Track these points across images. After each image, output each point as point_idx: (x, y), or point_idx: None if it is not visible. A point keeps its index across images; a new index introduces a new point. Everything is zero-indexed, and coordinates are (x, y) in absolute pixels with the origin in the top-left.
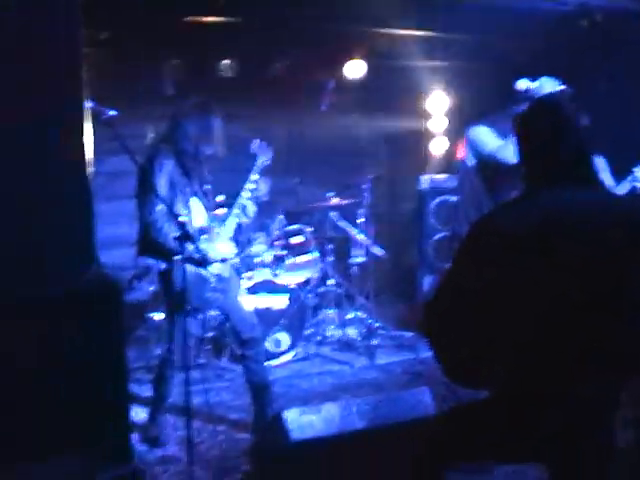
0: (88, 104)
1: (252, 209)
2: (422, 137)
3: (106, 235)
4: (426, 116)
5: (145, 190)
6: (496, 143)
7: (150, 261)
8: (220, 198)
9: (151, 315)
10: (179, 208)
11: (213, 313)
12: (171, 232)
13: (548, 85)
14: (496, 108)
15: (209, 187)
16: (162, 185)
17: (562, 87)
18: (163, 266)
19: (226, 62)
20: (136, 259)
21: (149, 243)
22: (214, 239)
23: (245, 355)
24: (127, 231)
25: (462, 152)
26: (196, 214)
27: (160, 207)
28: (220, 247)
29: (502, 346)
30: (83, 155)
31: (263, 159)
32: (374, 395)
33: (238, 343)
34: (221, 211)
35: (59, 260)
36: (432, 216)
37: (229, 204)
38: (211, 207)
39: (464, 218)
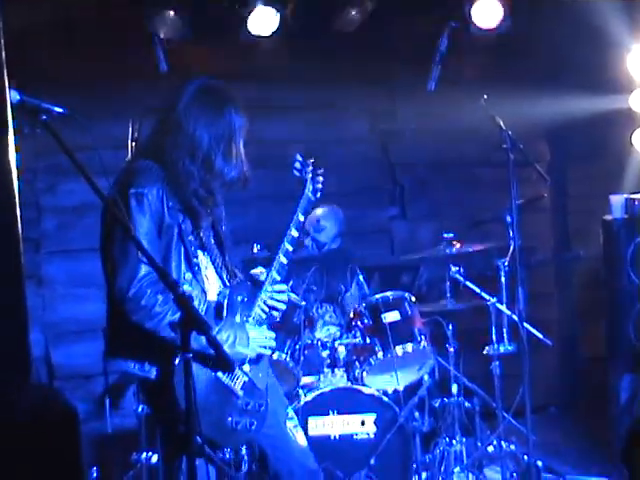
0: (14, 96)
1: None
2: (614, 127)
3: (69, 315)
4: (622, 91)
5: (116, 241)
6: None
7: (130, 365)
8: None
9: (142, 455)
10: (177, 271)
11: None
12: (167, 312)
13: None
14: None
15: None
16: (143, 233)
17: None
18: (153, 373)
19: (262, 12)
20: (105, 362)
21: (126, 333)
22: (238, 323)
23: None
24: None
25: None
26: (207, 281)
27: (145, 270)
28: (251, 334)
29: None
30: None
31: (311, 188)
32: None
33: None
34: (259, 271)
35: None
36: (632, 269)
37: (267, 261)
38: (231, 269)
39: None
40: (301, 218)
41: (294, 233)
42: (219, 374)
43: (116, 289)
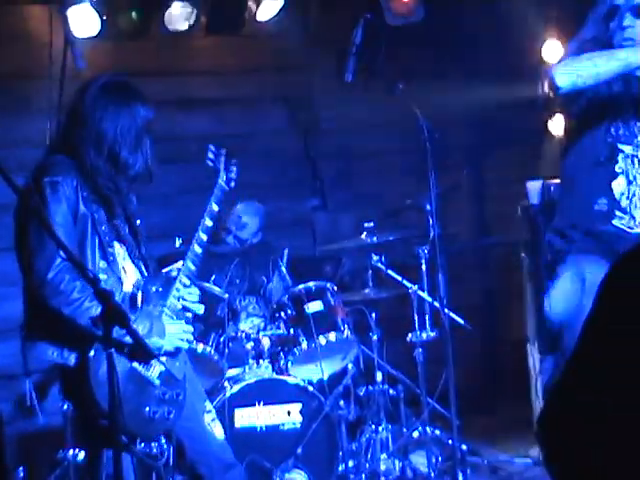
0: None
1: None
2: (530, 116)
3: None
4: (536, 80)
5: (32, 230)
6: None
7: (50, 352)
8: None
9: (68, 453)
10: (92, 259)
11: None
12: (85, 299)
13: None
14: None
15: (139, 223)
16: (60, 221)
17: None
18: (72, 360)
19: (178, 7)
20: (24, 351)
21: (45, 318)
22: (154, 314)
23: None
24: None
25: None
26: (123, 271)
27: (60, 259)
28: (168, 328)
29: None
30: None
31: (224, 177)
32: None
33: None
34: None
35: None
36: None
37: (181, 253)
38: (147, 258)
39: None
40: (215, 208)
41: (208, 222)
42: (135, 364)
43: (34, 272)
